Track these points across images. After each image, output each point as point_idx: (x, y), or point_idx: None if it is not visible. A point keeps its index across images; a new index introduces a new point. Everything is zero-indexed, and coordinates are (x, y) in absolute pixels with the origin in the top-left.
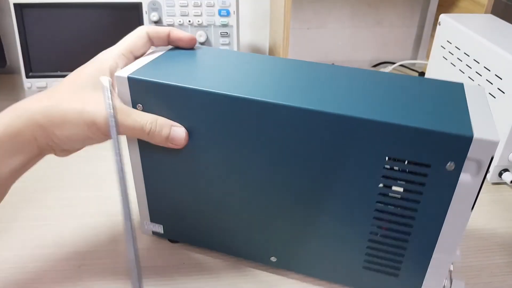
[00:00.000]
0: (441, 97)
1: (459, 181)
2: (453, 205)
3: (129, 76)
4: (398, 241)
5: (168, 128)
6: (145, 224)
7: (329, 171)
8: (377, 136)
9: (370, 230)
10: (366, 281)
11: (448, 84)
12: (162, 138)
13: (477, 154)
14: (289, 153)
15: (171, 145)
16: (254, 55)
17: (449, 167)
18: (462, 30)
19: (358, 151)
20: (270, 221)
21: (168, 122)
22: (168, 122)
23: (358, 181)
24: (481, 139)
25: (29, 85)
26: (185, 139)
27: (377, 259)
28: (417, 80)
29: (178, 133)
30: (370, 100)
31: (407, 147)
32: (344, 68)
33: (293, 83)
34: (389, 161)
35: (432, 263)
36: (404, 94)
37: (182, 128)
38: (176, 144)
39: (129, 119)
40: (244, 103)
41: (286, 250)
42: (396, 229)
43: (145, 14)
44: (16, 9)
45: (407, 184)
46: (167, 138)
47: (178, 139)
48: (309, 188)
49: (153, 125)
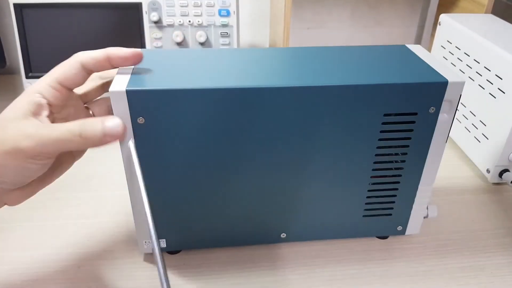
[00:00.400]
0: (402, 58)
1: (438, 120)
2: (433, 141)
3: (127, 90)
4: (392, 184)
5: (100, 122)
6: (144, 244)
7: (335, 136)
8: (375, 97)
9: (369, 181)
10: (365, 228)
11: (395, 47)
12: (98, 134)
13: (450, 95)
14: (294, 129)
15: (109, 139)
16: (222, 49)
17: (431, 111)
18: (462, 30)
19: (360, 114)
20: (278, 199)
21: (97, 118)
22: (97, 118)
23: (360, 140)
24: (453, 82)
25: (29, 85)
26: (121, 127)
27: (375, 205)
28: (369, 48)
29: (112, 123)
30: (355, 69)
31: (399, 101)
32: (313, 49)
33: (283, 67)
34: (385, 117)
35: (418, 195)
36: (376, 60)
37: (115, 118)
38: (115, 135)
39: (55, 131)
40: (255, 92)
41: (295, 222)
42: (391, 174)
43: (145, 14)
44: (16, 9)
45: (399, 133)
46: (103, 132)
47: (114, 129)
48: (315, 157)
49: (82, 126)
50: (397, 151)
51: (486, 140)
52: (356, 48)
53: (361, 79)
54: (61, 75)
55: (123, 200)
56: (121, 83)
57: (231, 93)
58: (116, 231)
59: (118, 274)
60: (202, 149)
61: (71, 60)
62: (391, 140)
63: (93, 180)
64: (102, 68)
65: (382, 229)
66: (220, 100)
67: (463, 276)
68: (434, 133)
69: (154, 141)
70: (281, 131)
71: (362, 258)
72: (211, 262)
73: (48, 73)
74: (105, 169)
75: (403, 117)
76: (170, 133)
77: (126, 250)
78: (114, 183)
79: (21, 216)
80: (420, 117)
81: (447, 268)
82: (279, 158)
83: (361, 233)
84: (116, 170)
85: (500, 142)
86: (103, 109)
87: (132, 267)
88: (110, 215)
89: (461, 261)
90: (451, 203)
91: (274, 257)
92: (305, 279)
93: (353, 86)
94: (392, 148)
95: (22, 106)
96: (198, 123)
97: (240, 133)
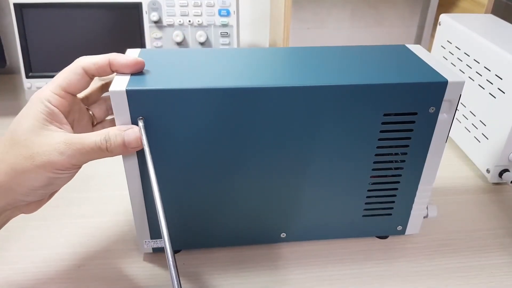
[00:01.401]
0: (402, 58)
1: (438, 120)
2: (433, 141)
3: (128, 89)
4: (392, 183)
5: (121, 135)
6: (144, 243)
7: (334, 136)
8: (375, 97)
9: (369, 181)
10: (365, 228)
11: (395, 47)
12: (120, 147)
13: (450, 95)
14: (293, 129)
15: (131, 150)
16: (218, 49)
17: (431, 110)
18: (462, 30)
19: (359, 113)
20: (278, 198)
21: (119, 128)
22: (119, 128)
23: (360, 140)
24: (452, 82)
25: (29, 85)
26: (139, 138)
27: (375, 205)
28: (369, 48)
29: (131, 135)
30: (355, 69)
31: (399, 101)
32: (313, 49)
33: (283, 67)
34: (385, 116)
35: (418, 195)
36: (376, 60)
37: (133, 127)
38: (134, 146)
39: (85, 144)
40: (255, 92)
41: (295, 222)
42: (391, 174)
43: (145, 14)
44: (16, 9)
45: (399, 133)
46: (124, 145)
47: (134, 141)
48: (315, 156)
49: (107, 138)
50: (397, 151)
51: (486, 140)
52: (356, 48)
53: (360, 79)
54: (64, 82)
55: (123, 200)
56: (121, 83)
57: (231, 93)
58: (116, 231)
59: (118, 274)
60: (202, 149)
61: (73, 66)
62: (391, 140)
63: (93, 180)
64: (104, 73)
65: (382, 229)
66: (220, 99)
67: (463, 276)
68: (434, 133)
69: (154, 141)
70: (280, 131)
71: (362, 258)
72: (211, 262)
73: (52, 80)
74: (106, 169)
75: (403, 117)
76: (170, 133)
77: (126, 250)
78: (114, 183)
79: (21, 216)
80: (420, 117)
81: (447, 268)
82: (279, 157)
83: (361, 233)
84: (116, 170)
85: (500, 142)
86: (103, 110)
87: (132, 267)
88: (110, 215)
89: (461, 261)
90: (451, 203)
91: (274, 257)
92: (305, 279)
93: (352, 86)
94: (392, 148)
95: (36, 115)
96: (198, 123)
97: (240, 133)
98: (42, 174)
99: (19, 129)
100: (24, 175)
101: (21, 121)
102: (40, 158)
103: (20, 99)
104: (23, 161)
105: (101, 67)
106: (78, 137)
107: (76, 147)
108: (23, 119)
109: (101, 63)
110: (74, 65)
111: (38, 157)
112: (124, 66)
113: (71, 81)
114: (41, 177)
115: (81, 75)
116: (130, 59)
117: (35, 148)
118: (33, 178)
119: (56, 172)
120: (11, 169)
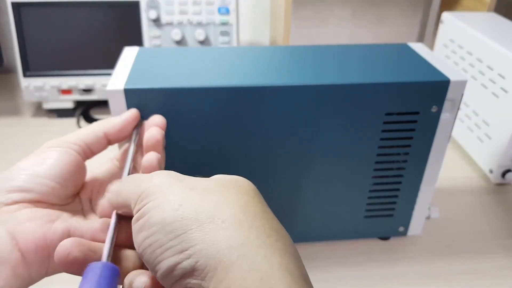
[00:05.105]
0: (404, 56)
1: (440, 119)
2: (436, 141)
3: (125, 88)
4: (393, 184)
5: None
6: None
7: (336, 135)
8: (377, 96)
9: (371, 181)
10: (366, 229)
11: (397, 46)
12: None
13: (452, 94)
14: (294, 128)
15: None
16: (216, 48)
17: (433, 110)
18: (465, 29)
19: (361, 113)
20: (279, 199)
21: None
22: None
23: (362, 139)
24: (455, 81)
25: (26, 84)
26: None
27: (376, 206)
28: (371, 47)
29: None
30: (357, 68)
31: (401, 100)
32: (314, 47)
33: (284, 66)
34: (387, 116)
35: (420, 196)
36: (378, 59)
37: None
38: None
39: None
40: (255, 91)
41: (295, 223)
42: (393, 174)
43: (143, 12)
44: (14, 7)
45: (401, 133)
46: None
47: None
48: (315, 156)
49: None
50: (399, 150)
51: (489, 140)
52: (358, 47)
53: (362, 78)
54: (83, 136)
55: None
56: (119, 82)
57: (230, 92)
58: None
59: None
60: (200, 148)
61: (93, 127)
62: (393, 139)
63: None
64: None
65: (384, 230)
66: (219, 99)
67: (465, 277)
68: (436, 133)
69: None
70: (280, 131)
71: (363, 260)
72: None
73: (69, 135)
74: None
75: (405, 116)
76: (168, 132)
77: None
78: None
79: None
80: (422, 116)
81: (449, 270)
82: (280, 157)
83: (363, 234)
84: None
85: (503, 142)
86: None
87: None
88: None
89: (463, 263)
90: (454, 204)
91: None
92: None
93: (354, 85)
94: (394, 148)
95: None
96: (196, 122)
97: (240, 132)
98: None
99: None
100: None
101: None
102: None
103: (17, 99)
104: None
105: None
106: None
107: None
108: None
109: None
110: (93, 126)
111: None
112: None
113: (89, 137)
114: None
115: (101, 137)
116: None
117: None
118: None
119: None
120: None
